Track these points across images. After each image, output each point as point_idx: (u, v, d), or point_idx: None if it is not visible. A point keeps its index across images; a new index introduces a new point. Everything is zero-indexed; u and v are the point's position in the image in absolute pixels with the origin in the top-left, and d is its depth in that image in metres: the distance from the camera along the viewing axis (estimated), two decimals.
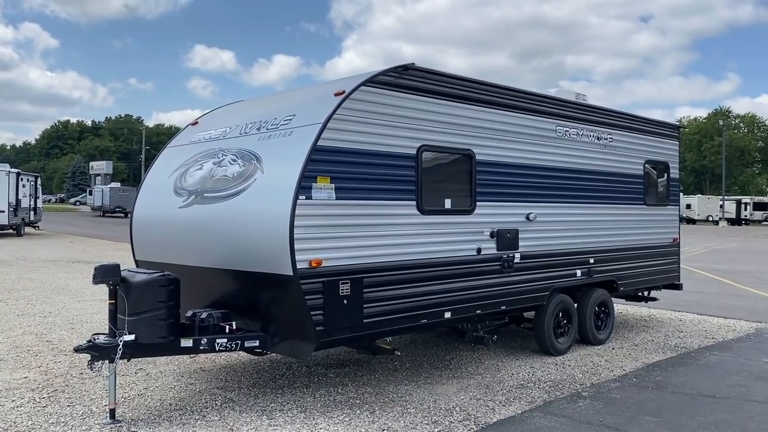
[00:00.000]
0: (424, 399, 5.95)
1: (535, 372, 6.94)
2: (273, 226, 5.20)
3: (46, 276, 14.62)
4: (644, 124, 9.31)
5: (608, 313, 8.52)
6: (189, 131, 7.24)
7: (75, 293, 12.14)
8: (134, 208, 6.99)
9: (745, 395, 6.23)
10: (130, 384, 6.30)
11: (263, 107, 6.64)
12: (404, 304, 5.94)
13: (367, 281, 5.62)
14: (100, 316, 9.83)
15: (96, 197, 53.37)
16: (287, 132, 5.60)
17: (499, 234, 6.88)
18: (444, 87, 6.41)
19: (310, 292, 5.22)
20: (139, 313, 5.29)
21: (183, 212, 6.15)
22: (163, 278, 5.38)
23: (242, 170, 5.71)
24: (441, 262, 6.28)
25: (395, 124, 5.94)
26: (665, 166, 9.64)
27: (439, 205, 6.35)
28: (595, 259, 8.17)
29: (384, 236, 5.80)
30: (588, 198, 8.14)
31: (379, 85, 5.82)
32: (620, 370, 7.09)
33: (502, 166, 7.00)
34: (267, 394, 6.07)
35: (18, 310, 10.22)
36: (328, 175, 5.36)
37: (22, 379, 6.42)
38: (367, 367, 7.04)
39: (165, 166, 6.86)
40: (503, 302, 6.96)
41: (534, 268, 7.31)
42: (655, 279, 9.37)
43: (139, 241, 6.87)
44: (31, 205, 29.11)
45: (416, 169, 6.09)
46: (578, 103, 8.24)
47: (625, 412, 5.68)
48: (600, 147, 8.39)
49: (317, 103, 5.74)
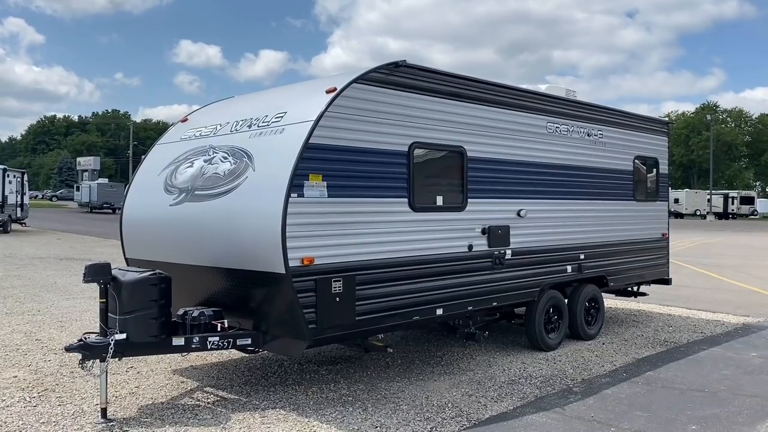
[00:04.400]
0: (416, 395, 5.96)
1: (526, 368, 6.97)
2: (265, 225, 5.19)
3: (34, 273, 14.51)
4: (634, 120, 9.36)
5: (598, 309, 8.57)
6: (179, 128, 7.19)
7: (63, 291, 12.06)
8: (124, 205, 6.94)
9: (734, 389, 6.29)
10: (121, 382, 6.27)
11: (254, 104, 6.61)
12: (396, 302, 5.94)
13: (360, 279, 5.62)
14: (90, 314, 9.77)
15: (83, 193, 53.01)
16: (279, 129, 5.58)
17: (490, 231, 6.90)
18: (435, 84, 6.41)
19: (302, 290, 5.21)
20: (130, 311, 5.26)
21: (173, 210, 6.11)
22: (154, 277, 5.36)
23: (233, 168, 5.68)
24: (433, 259, 6.29)
25: (386, 121, 5.93)
26: (654, 161, 9.70)
27: (430, 202, 6.35)
28: (585, 255, 8.21)
29: (376, 234, 5.79)
30: (578, 194, 8.18)
31: (370, 82, 5.81)
32: (611, 365, 7.14)
33: (493, 162, 7.02)
34: (259, 391, 6.06)
35: (6, 309, 10.13)
36: (320, 172, 5.35)
37: (12, 378, 6.37)
38: (359, 364, 7.05)
39: (155, 163, 6.82)
40: (494, 298, 6.98)
41: (525, 264, 7.34)
42: (644, 274, 9.43)
43: (130, 239, 6.82)
44: (18, 202, 28.85)
45: (408, 167, 6.09)
46: (568, 99, 8.27)
47: (616, 407, 5.72)
48: (590, 143, 8.42)
49: (308, 101, 5.72)
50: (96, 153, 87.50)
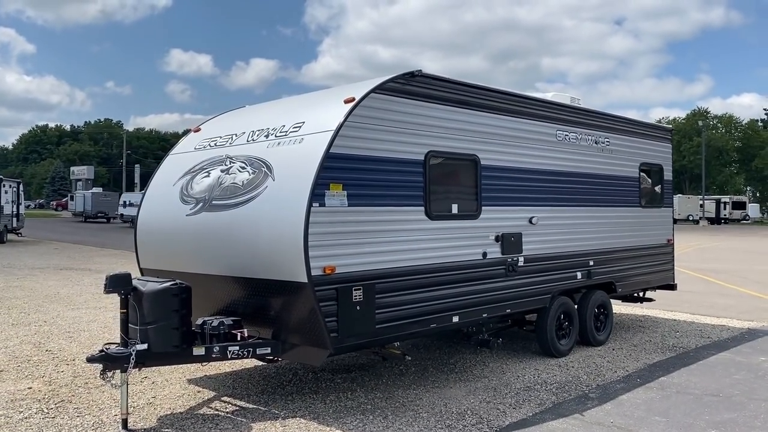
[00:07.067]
0: (434, 403, 5.98)
1: (540, 374, 7.01)
2: (286, 234, 5.21)
3: (35, 284, 14.44)
4: (639, 127, 9.45)
5: (607, 315, 8.62)
6: (191, 138, 7.20)
7: (67, 301, 12.01)
8: (138, 216, 6.94)
9: (748, 394, 6.35)
10: (137, 393, 6.25)
11: (268, 114, 6.64)
12: (414, 310, 5.97)
13: (379, 287, 5.64)
14: (97, 324, 9.74)
15: (78, 202, 52.79)
16: (298, 139, 5.61)
17: (503, 238, 6.95)
18: (449, 93, 6.47)
19: (324, 298, 5.23)
20: (151, 322, 5.27)
21: (191, 220, 6.12)
22: (175, 287, 5.37)
23: (252, 177, 5.70)
24: (449, 267, 6.32)
25: (403, 130, 5.98)
26: (659, 168, 9.79)
27: (446, 210, 6.39)
28: (594, 261, 8.27)
29: (394, 242, 5.83)
30: (587, 201, 8.24)
31: (387, 92, 5.86)
32: (623, 371, 7.18)
33: (506, 170, 7.07)
34: (277, 400, 6.06)
35: (12, 320, 10.08)
36: (340, 182, 5.38)
37: (27, 390, 6.35)
38: (373, 371, 7.06)
39: (169, 173, 6.83)
40: (508, 305, 7.02)
41: (537, 271, 7.38)
42: (651, 279, 9.50)
43: (145, 250, 6.82)
44: (14, 212, 28.70)
45: (424, 175, 6.13)
46: (577, 107, 8.34)
47: (635, 412, 5.76)
48: (597, 150, 8.50)
49: (327, 110, 5.75)
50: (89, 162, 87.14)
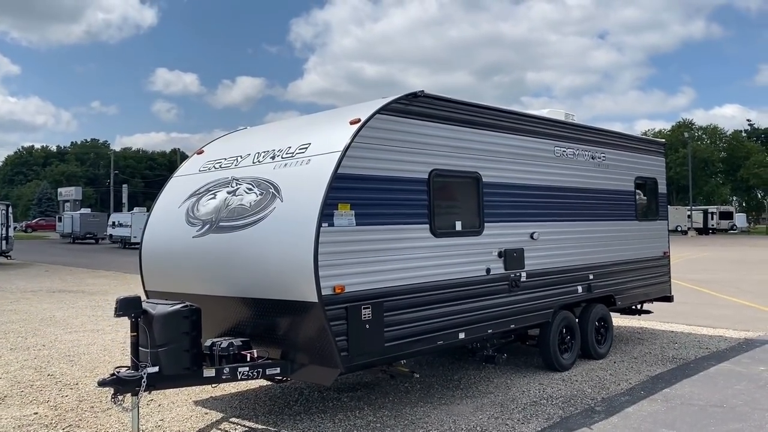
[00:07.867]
0: (443, 420, 6.01)
1: (545, 388, 7.06)
2: (296, 254, 5.25)
3: (30, 307, 14.33)
4: (633, 142, 9.61)
5: (607, 328, 8.71)
6: (195, 160, 7.25)
7: (63, 324, 11.93)
8: (143, 238, 6.96)
9: (751, 404, 6.43)
10: (144, 416, 6.22)
11: (273, 136, 6.71)
12: (421, 327, 6.02)
13: (387, 305, 5.69)
14: (96, 347, 9.70)
15: (66, 224, 52.38)
16: (305, 160, 5.67)
17: (506, 254, 7.03)
18: (451, 112, 6.57)
19: (334, 317, 5.27)
20: (162, 344, 5.28)
21: (198, 242, 6.15)
22: (185, 309, 5.39)
23: (260, 199, 5.75)
24: (454, 284, 6.39)
25: (407, 149, 6.06)
26: (654, 181, 9.94)
27: (450, 227, 6.47)
28: (594, 275, 8.36)
29: (401, 260, 5.89)
30: (585, 215, 8.36)
31: (391, 112, 5.95)
32: (626, 383, 7.25)
33: (507, 187, 7.17)
34: (285, 421, 6.07)
35: (9, 344, 10.01)
36: (348, 201, 5.44)
37: (33, 416, 6.31)
38: (379, 389, 7.08)
39: (174, 196, 6.86)
40: (512, 321, 7.09)
41: (539, 285, 7.46)
42: (649, 292, 9.60)
43: (150, 272, 6.83)
44: (3, 234, 28.49)
45: (428, 193, 6.21)
46: (573, 124, 8.49)
47: (642, 425, 5.81)
48: (594, 165, 8.63)
49: (333, 132, 5.83)
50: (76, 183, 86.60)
